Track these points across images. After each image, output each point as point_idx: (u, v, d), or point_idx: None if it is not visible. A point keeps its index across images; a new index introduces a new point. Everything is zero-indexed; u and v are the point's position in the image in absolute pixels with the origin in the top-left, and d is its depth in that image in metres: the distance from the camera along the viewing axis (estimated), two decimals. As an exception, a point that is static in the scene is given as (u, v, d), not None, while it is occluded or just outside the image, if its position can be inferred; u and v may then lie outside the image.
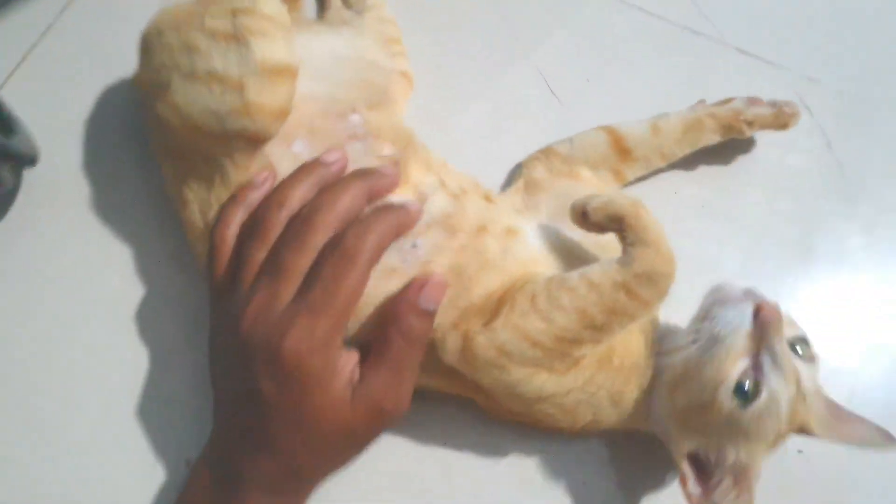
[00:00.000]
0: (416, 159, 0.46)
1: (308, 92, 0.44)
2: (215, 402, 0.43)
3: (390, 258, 0.41)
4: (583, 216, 0.42)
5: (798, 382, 0.39)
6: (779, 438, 0.40)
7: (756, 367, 0.39)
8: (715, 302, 0.42)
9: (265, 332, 0.38)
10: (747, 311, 0.40)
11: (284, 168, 0.43)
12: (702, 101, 0.53)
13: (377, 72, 0.49)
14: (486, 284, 0.42)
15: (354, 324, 0.41)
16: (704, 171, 0.55)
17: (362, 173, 0.42)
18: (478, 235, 0.43)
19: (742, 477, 0.40)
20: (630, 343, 0.43)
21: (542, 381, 0.40)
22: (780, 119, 0.52)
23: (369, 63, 0.49)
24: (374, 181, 0.42)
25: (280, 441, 0.39)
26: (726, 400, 0.39)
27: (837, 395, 0.46)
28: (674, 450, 0.42)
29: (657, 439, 0.44)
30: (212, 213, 0.43)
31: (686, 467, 0.41)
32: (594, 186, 0.50)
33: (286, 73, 0.42)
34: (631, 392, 0.43)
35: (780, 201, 0.56)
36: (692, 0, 0.62)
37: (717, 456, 0.40)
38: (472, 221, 0.43)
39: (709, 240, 0.54)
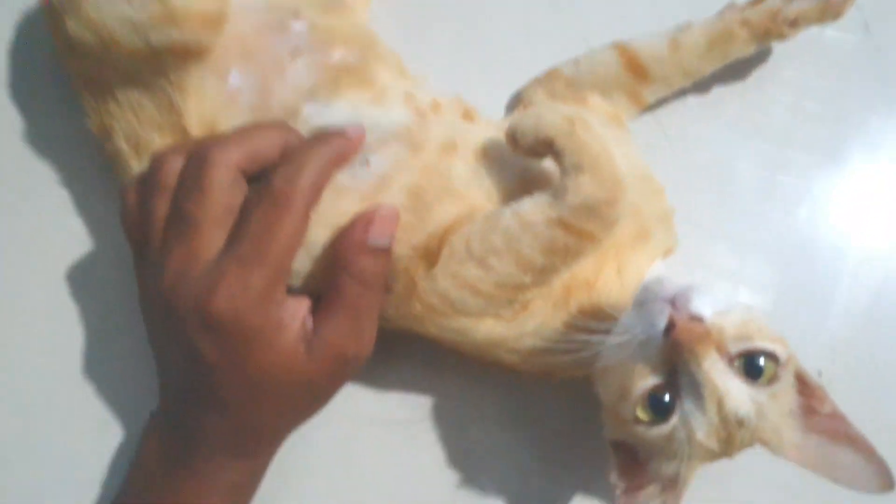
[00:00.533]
0: (382, 63, 0.42)
1: (242, 1, 0.40)
2: (157, 363, 0.41)
3: (338, 176, 0.38)
4: (514, 142, 0.38)
5: (722, 408, 0.33)
6: (718, 456, 0.35)
7: (672, 385, 0.34)
8: (640, 300, 0.36)
9: (190, 293, 0.35)
10: (660, 324, 0.33)
11: (224, 108, 0.39)
12: (732, 4, 0.45)
13: None
14: (441, 216, 0.38)
15: (305, 262, 0.38)
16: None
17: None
18: (444, 154, 0.39)
19: (670, 488, 0.35)
20: (597, 286, 0.38)
21: (488, 328, 0.38)
22: (829, 10, 0.44)
23: None
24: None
25: (230, 401, 0.37)
26: (628, 416, 0.34)
27: (870, 282, 0.48)
28: (605, 433, 0.37)
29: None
30: (143, 144, 0.40)
31: (613, 456, 0.36)
32: (605, 111, 0.45)
33: None
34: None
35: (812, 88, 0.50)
36: None
37: (645, 454, 0.36)
38: (439, 138, 0.39)
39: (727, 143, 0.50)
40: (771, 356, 0.34)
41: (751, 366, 0.34)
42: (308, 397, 0.39)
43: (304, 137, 0.38)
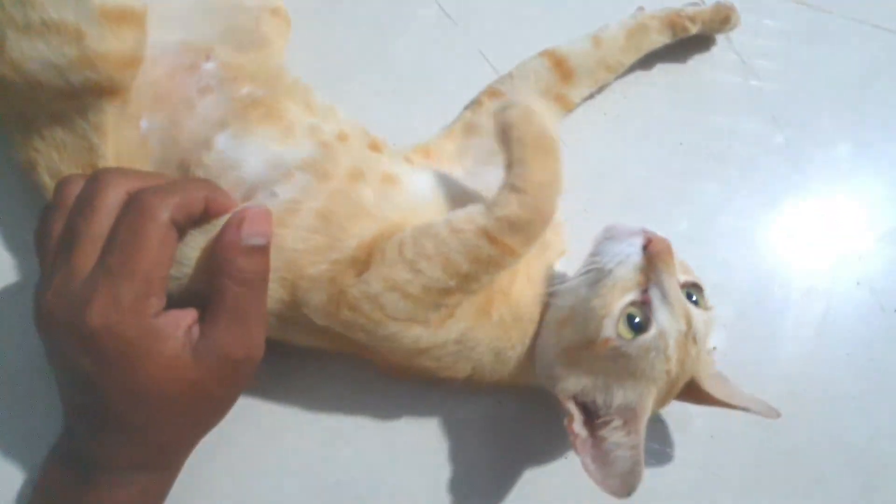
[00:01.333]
0: (290, 97, 0.43)
1: (158, 43, 0.41)
2: (58, 385, 0.40)
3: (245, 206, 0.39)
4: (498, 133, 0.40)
5: (689, 320, 0.38)
6: (670, 383, 0.39)
7: (645, 302, 0.38)
8: (605, 238, 0.41)
9: (66, 309, 0.35)
10: (636, 243, 0.39)
11: (138, 150, 0.41)
12: (641, 9, 0.52)
13: (242, 12, 0.46)
14: (360, 233, 0.40)
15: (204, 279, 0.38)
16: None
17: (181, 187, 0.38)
18: (351, 181, 0.41)
19: (631, 418, 0.39)
20: (512, 295, 0.41)
21: (416, 335, 0.39)
22: (720, 13, 0.52)
23: (232, 4, 0.46)
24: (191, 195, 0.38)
25: (123, 417, 0.36)
26: (612, 333, 0.37)
27: (815, 313, 0.51)
28: (559, 391, 0.40)
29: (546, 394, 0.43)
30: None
31: (572, 406, 0.40)
32: None
33: (130, 17, 0.39)
34: (512, 348, 0.42)
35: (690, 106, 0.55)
36: None
37: (605, 398, 0.39)
38: (346, 167, 0.41)
39: (616, 148, 0.54)
40: (701, 293, 0.41)
41: (688, 296, 0.40)
42: (204, 405, 0.39)
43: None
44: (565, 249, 0.47)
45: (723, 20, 0.53)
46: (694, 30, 0.52)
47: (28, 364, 0.46)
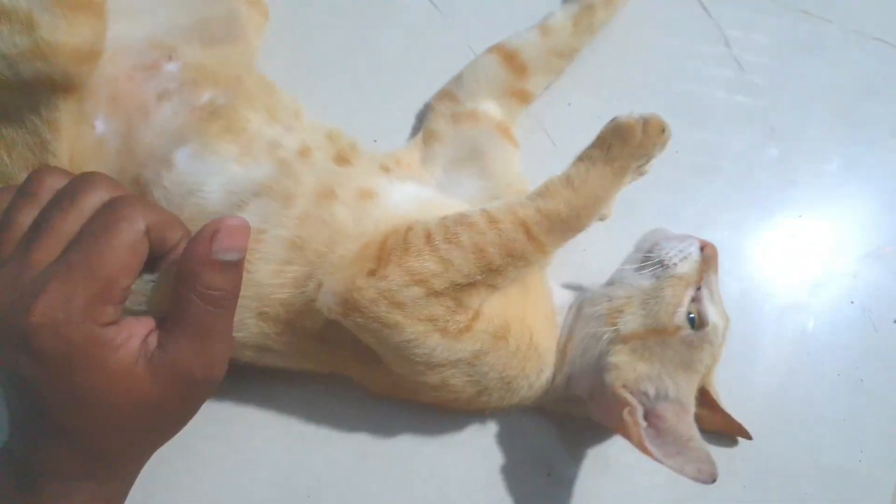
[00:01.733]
0: (251, 104, 0.40)
1: (120, 37, 0.38)
2: (3, 390, 0.37)
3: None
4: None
5: (727, 320, 0.40)
6: (708, 368, 0.40)
7: (696, 299, 0.39)
8: (659, 238, 0.42)
9: (9, 301, 0.31)
10: (695, 244, 0.41)
11: (93, 154, 0.38)
12: None
13: (218, 2, 0.43)
14: (345, 253, 0.37)
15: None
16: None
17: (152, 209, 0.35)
18: (321, 202, 0.38)
19: (680, 412, 0.39)
20: (527, 320, 0.40)
21: (433, 345, 0.36)
22: None
23: None
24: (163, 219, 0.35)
25: (67, 426, 0.33)
26: (682, 322, 0.39)
27: (793, 332, 0.50)
28: (613, 380, 0.39)
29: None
30: (11, 182, 0.37)
31: (630, 396, 0.38)
32: (494, 124, 0.46)
33: (88, 6, 0.36)
34: (525, 378, 0.41)
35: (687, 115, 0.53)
36: None
37: (658, 389, 0.39)
38: (311, 187, 0.38)
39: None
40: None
41: None
42: (157, 419, 0.35)
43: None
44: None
45: None
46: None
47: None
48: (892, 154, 0.54)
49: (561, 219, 0.37)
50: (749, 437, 0.44)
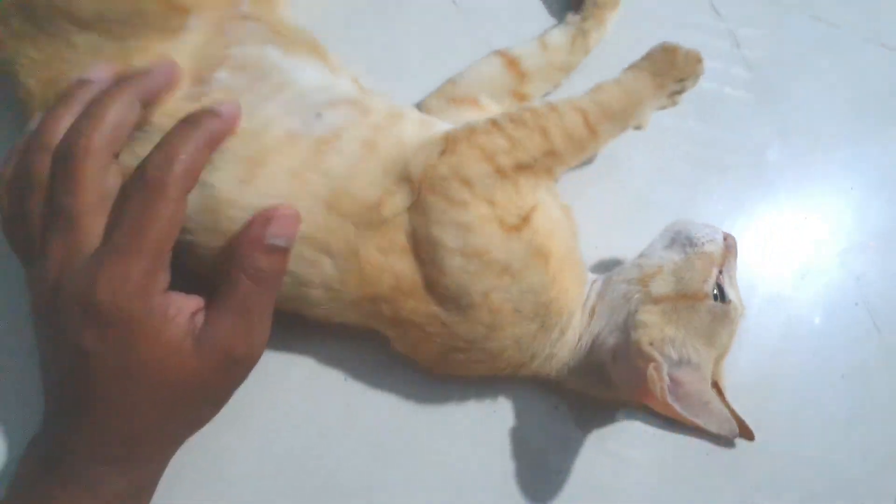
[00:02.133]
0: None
1: None
2: (43, 377, 0.38)
3: (289, 121, 0.38)
4: None
5: (743, 306, 0.43)
6: (719, 357, 0.43)
7: (718, 282, 0.43)
8: (687, 223, 0.45)
9: (73, 286, 0.34)
10: (719, 231, 0.44)
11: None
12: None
13: None
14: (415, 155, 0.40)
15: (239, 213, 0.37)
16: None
17: (128, 78, 0.37)
18: (392, 119, 0.41)
19: (698, 379, 0.40)
20: (563, 264, 0.42)
21: (490, 233, 0.39)
22: None
23: None
24: (144, 83, 0.36)
25: (109, 399, 0.34)
26: (710, 292, 0.42)
27: (777, 321, 0.52)
28: (641, 337, 0.41)
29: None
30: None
31: (657, 353, 0.40)
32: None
33: None
34: (557, 316, 0.42)
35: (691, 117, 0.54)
36: None
37: (681, 352, 0.41)
38: (384, 109, 0.42)
39: (619, 157, 0.52)
40: None
41: None
42: (199, 398, 0.37)
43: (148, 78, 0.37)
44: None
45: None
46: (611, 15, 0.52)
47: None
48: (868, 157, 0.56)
49: (612, 111, 0.42)
50: (751, 438, 0.45)
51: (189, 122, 0.36)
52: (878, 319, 0.53)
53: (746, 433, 0.44)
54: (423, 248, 0.39)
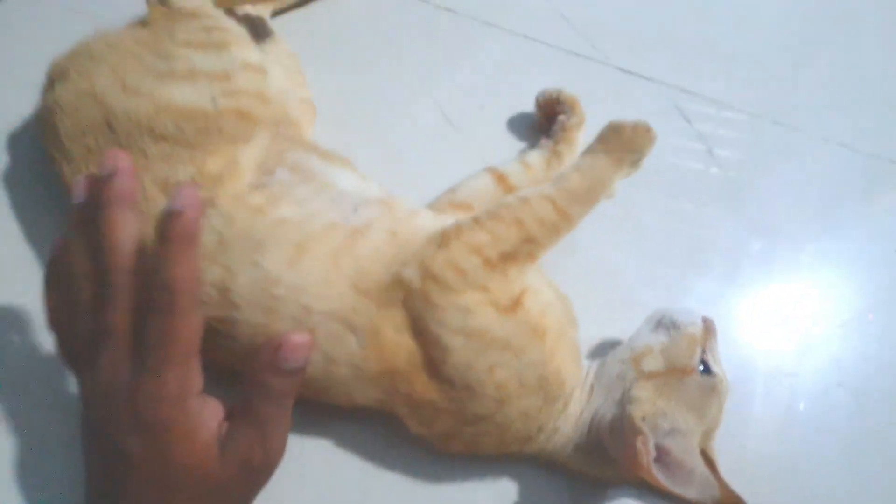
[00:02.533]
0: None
1: None
2: (86, 471, 0.41)
3: (332, 214, 0.46)
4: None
5: (728, 384, 0.46)
6: (709, 430, 0.45)
7: (703, 360, 0.46)
8: (668, 310, 0.49)
9: (121, 395, 0.37)
10: (698, 315, 0.49)
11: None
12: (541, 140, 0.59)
13: (286, 98, 0.53)
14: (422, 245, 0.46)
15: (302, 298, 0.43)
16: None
17: (111, 197, 0.38)
18: (413, 215, 0.49)
19: (685, 449, 0.44)
20: (559, 341, 0.46)
21: (487, 314, 0.44)
22: (572, 104, 0.58)
23: (279, 90, 0.52)
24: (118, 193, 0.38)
25: (146, 499, 0.37)
26: (697, 366, 0.45)
27: (780, 398, 0.54)
28: (633, 410, 0.44)
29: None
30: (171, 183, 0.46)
31: (645, 426, 0.43)
32: None
33: (261, 70, 0.49)
34: (559, 387, 0.45)
35: (673, 212, 0.59)
36: (570, 25, 0.66)
37: (670, 423, 0.44)
38: (405, 207, 0.49)
39: (611, 248, 0.57)
40: None
41: None
42: (219, 501, 0.39)
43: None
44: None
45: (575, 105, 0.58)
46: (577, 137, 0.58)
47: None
48: (864, 244, 0.60)
49: (578, 194, 0.46)
50: None
51: (166, 239, 0.36)
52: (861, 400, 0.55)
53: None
54: (428, 333, 0.43)
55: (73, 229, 0.39)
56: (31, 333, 0.50)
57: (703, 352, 0.47)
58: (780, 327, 0.56)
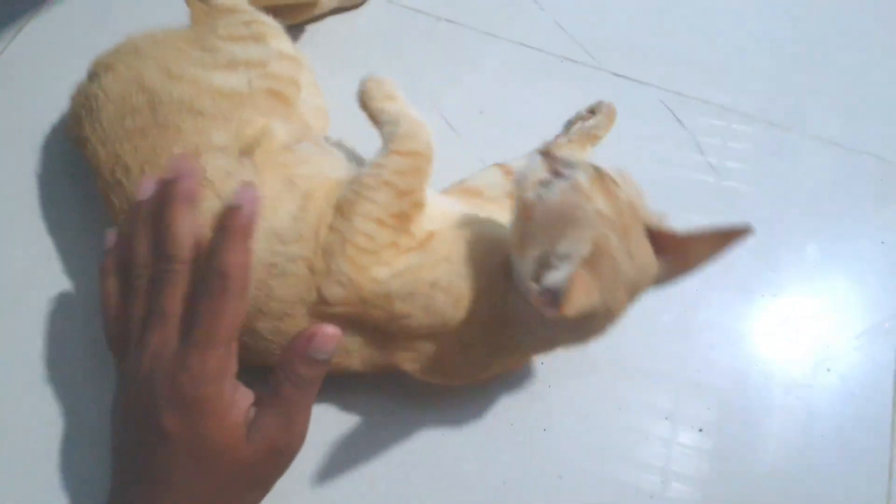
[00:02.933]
0: None
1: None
2: (114, 454, 0.43)
3: (338, 174, 0.49)
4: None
5: (595, 167, 0.41)
6: (620, 227, 0.40)
7: (556, 172, 0.42)
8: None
9: (164, 371, 0.39)
10: (536, 157, 0.44)
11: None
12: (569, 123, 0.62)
13: (304, 105, 0.55)
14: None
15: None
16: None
17: (177, 194, 0.42)
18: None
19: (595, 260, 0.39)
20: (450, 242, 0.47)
21: (406, 259, 0.45)
22: (611, 117, 0.60)
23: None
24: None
25: (177, 474, 0.39)
26: (532, 195, 0.41)
27: (798, 411, 0.52)
28: (525, 278, 0.41)
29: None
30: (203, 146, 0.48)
31: (534, 286, 0.40)
32: (497, 210, 0.54)
33: (295, 59, 0.54)
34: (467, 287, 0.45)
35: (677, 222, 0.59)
36: (564, 31, 0.69)
37: (557, 256, 0.40)
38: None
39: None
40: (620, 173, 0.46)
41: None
42: (248, 482, 0.41)
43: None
44: None
45: (613, 122, 0.61)
46: (603, 138, 0.60)
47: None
48: (866, 245, 0.60)
49: (409, 132, 0.47)
50: (743, 234, 0.42)
51: (225, 229, 0.40)
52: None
53: (728, 237, 0.42)
54: (365, 286, 0.45)
55: (137, 221, 0.43)
56: (56, 326, 0.54)
57: (554, 173, 0.42)
58: (795, 337, 0.56)
